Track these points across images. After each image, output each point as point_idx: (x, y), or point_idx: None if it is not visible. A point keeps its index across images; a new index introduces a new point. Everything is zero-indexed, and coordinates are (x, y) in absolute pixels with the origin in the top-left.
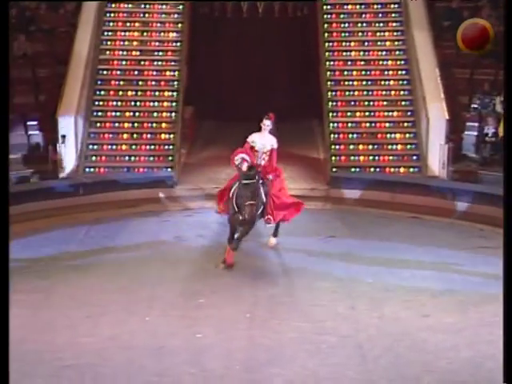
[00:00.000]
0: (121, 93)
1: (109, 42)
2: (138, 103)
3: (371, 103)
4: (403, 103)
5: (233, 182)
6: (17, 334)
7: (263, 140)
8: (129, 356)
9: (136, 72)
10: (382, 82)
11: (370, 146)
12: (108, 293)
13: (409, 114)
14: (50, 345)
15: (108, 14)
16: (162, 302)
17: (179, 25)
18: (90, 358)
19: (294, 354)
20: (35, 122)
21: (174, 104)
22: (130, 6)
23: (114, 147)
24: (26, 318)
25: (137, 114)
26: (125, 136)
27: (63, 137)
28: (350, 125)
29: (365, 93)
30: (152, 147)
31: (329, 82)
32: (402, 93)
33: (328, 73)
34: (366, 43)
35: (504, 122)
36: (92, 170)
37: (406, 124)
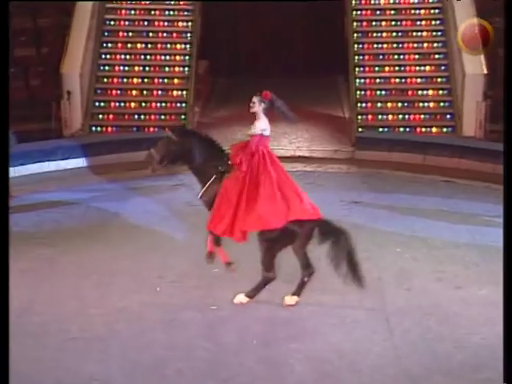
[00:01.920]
0: (129, 45)
1: None
2: (147, 57)
3: (401, 57)
4: (437, 56)
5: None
6: (20, 304)
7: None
8: (138, 328)
9: (146, 22)
10: (414, 34)
11: (400, 104)
12: (116, 261)
13: (442, 68)
14: (55, 316)
15: None
16: (174, 272)
17: None
18: (97, 331)
19: (315, 328)
20: (37, 77)
21: (186, 58)
22: None
23: (122, 105)
24: (29, 288)
25: (147, 68)
26: (134, 92)
27: (68, 93)
28: (377, 80)
29: (394, 45)
30: (163, 105)
31: (355, 34)
32: (435, 45)
33: (354, 23)
34: None
35: (504, 121)
36: (99, 129)
37: (439, 79)
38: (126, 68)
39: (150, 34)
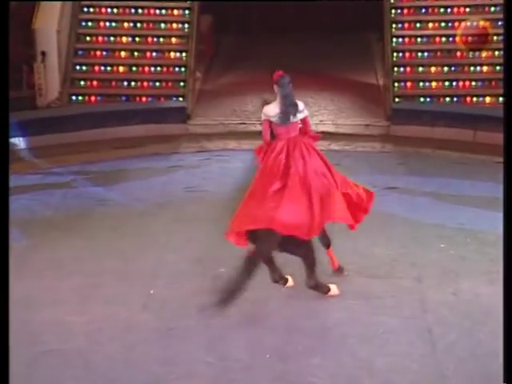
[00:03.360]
0: None
1: None
2: (139, 10)
3: (448, 10)
4: (492, 9)
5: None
6: None
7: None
8: (128, 340)
9: None
10: None
11: (446, 68)
12: (102, 259)
13: (499, 23)
14: (28, 324)
15: None
16: (171, 271)
17: None
18: (79, 342)
19: (341, 340)
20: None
21: (186, 12)
22: None
23: (109, 69)
24: None
25: (138, 24)
26: (122, 54)
27: (42, 54)
28: (419, 40)
29: None
30: (158, 69)
31: None
32: None
33: None
34: None
35: (504, 121)
36: (80, 98)
37: (494, 37)
38: (113, 24)
39: None
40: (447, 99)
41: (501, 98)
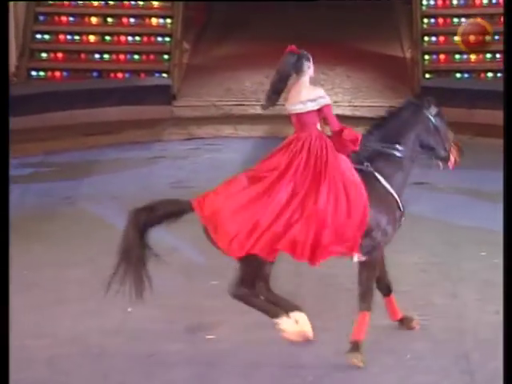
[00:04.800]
0: None
1: None
2: None
3: None
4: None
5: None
6: None
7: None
8: (99, 367)
9: None
10: None
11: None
12: (67, 269)
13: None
14: None
15: None
16: (152, 285)
17: None
18: (39, 369)
19: (360, 369)
20: None
21: None
22: None
23: (77, 38)
24: None
25: None
26: (93, 20)
27: None
28: (454, 2)
29: None
30: (137, 39)
31: None
32: None
33: None
34: None
35: (504, 121)
36: (42, 73)
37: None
38: None
39: None
40: (489, 75)
41: None
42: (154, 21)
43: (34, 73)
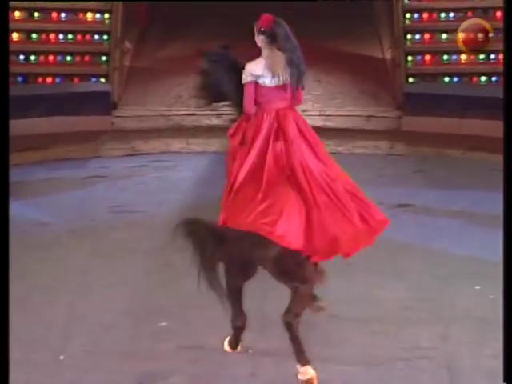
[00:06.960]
0: None
1: None
2: None
3: None
4: None
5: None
6: None
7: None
8: None
9: None
10: None
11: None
12: None
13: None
14: None
15: None
16: (90, 329)
17: None
18: None
19: None
20: None
21: None
22: None
23: None
24: None
25: None
26: (16, 14)
27: None
28: None
29: None
30: (69, 37)
31: None
32: None
33: None
34: None
35: (504, 121)
36: None
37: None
38: None
39: None
40: (482, 78)
41: None
42: (89, 16)
43: None
